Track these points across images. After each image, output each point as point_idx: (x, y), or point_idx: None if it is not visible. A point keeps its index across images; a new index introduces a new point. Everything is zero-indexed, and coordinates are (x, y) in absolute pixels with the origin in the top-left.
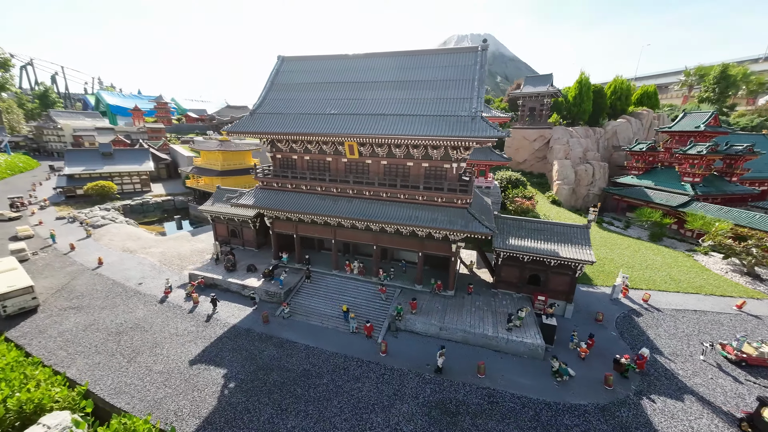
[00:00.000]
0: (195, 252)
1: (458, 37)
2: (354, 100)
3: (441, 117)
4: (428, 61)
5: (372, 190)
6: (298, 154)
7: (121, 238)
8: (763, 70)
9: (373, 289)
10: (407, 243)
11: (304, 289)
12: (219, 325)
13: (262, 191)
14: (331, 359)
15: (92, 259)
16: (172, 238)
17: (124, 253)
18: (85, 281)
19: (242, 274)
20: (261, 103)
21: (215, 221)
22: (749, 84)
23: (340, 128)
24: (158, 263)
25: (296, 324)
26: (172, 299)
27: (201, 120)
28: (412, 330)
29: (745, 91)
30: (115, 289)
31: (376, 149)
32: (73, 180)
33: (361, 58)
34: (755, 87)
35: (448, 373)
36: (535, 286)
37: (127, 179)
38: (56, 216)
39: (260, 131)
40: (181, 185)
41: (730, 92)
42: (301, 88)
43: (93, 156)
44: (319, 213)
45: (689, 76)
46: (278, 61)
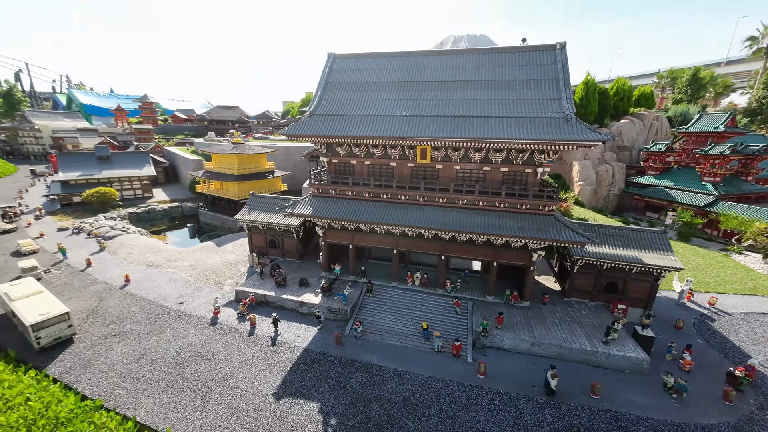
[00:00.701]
0: (227, 265)
1: (455, 37)
2: (426, 101)
3: (530, 119)
4: (503, 59)
5: (446, 197)
6: (358, 159)
7: (140, 251)
8: (726, 73)
9: (443, 302)
10: (480, 252)
11: (367, 305)
12: (288, 349)
13: (318, 199)
14: (428, 384)
15: (115, 275)
16: (197, 249)
17: (150, 268)
18: (116, 302)
19: (295, 290)
20: (317, 103)
21: (252, 231)
22: (716, 86)
23: (418, 131)
24: (191, 278)
25: (372, 344)
26: (224, 320)
27: (189, 120)
28: (500, 347)
29: (712, 93)
30: (154, 311)
31: (450, 153)
32: (68, 186)
33: (428, 56)
34: (721, 89)
35: (560, 395)
36: (612, 294)
37: (127, 185)
38: (57, 227)
39: (324, 134)
40: (185, 190)
41: (701, 94)
42: (360, 88)
43: (88, 160)
44: (391, 223)
45: (662, 79)
46: (329, 59)
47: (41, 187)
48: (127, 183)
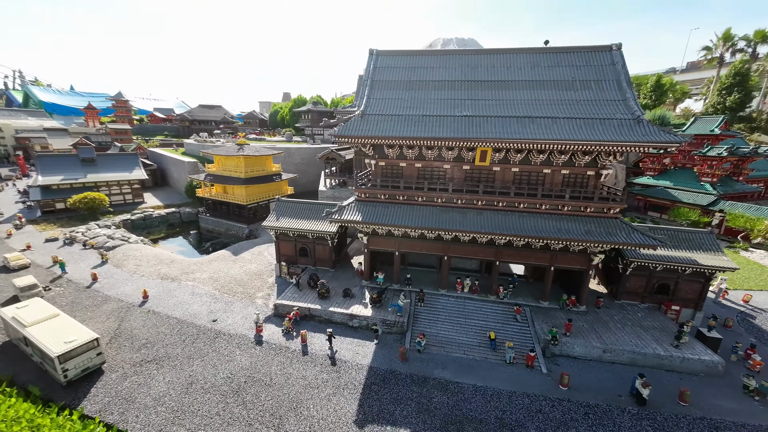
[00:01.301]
0: (251, 275)
1: (444, 40)
2: (484, 101)
3: (599, 120)
4: (558, 59)
5: (506, 200)
6: (408, 161)
7: (150, 262)
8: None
9: (499, 310)
10: (536, 257)
11: (420, 315)
12: (352, 368)
13: (366, 204)
14: (515, 400)
15: (129, 291)
16: (214, 259)
17: (166, 282)
18: (140, 322)
19: (340, 301)
20: (366, 103)
21: (280, 239)
22: (675, 92)
23: (481, 132)
24: (217, 292)
25: (437, 358)
26: (270, 338)
27: (168, 120)
28: (569, 354)
29: (672, 99)
30: (187, 330)
31: (511, 155)
32: (50, 192)
33: (480, 55)
34: (679, 95)
35: (650, 404)
36: (663, 295)
37: (115, 189)
38: (45, 237)
39: (379, 135)
40: (178, 194)
41: (663, 99)
42: (409, 86)
43: (71, 163)
44: (454, 229)
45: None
46: (372, 56)
47: (11, 192)
48: (115, 187)
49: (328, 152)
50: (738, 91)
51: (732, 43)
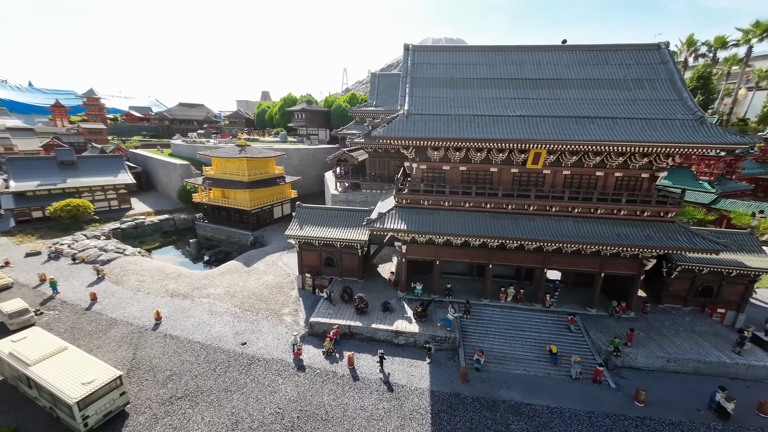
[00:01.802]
0: (270, 289)
1: (433, 40)
2: (535, 100)
3: (662, 120)
4: (606, 57)
5: (559, 204)
6: (452, 164)
7: (154, 278)
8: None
9: (550, 320)
10: (586, 263)
11: (468, 328)
12: (413, 394)
13: (408, 211)
14: (597, 422)
15: (137, 312)
16: (225, 272)
17: (177, 300)
18: (158, 349)
19: (380, 316)
20: (409, 101)
21: (304, 248)
22: None
23: (537, 132)
24: (237, 310)
25: (498, 376)
26: (311, 362)
27: (146, 119)
28: (632, 365)
29: None
30: (215, 357)
31: (563, 158)
32: (24, 199)
33: (525, 52)
34: None
35: (733, 419)
36: (706, 298)
37: (100, 195)
38: (26, 251)
39: (430, 136)
40: (168, 199)
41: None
42: (452, 84)
43: (48, 166)
44: (511, 237)
45: None
46: (408, 53)
47: None
48: (100, 193)
49: (340, 154)
50: (701, 93)
51: (695, 48)
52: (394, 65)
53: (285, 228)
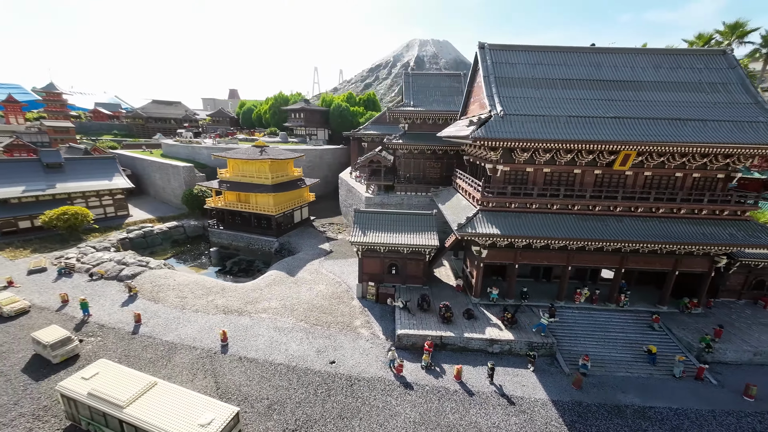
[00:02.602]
0: (327, 299)
1: (420, 41)
2: (621, 102)
3: (745, 123)
4: (678, 61)
5: (644, 205)
6: (537, 166)
7: (196, 293)
8: None
9: (630, 319)
10: (660, 262)
11: (556, 332)
12: (535, 405)
13: (494, 215)
14: (725, 421)
15: (193, 333)
16: (270, 283)
17: (233, 316)
18: (241, 375)
19: (466, 324)
20: (499, 101)
21: (366, 256)
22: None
23: (630, 133)
24: (304, 324)
25: (605, 380)
26: (414, 378)
27: (115, 117)
28: (721, 360)
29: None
30: (308, 380)
31: (649, 159)
32: (8, 208)
33: (601, 54)
34: None
35: None
36: (759, 291)
37: (94, 201)
38: (28, 268)
39: (536, 138)
40: (165, 204)
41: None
42: (536, 84)
43: (32, 169)
44: (608, 239)
45: None
46: (485, 51)
47: None
48: (94, 199)
49: (372, 155)
50: None
51: None
52: (383, 65)
53: (308, 233)
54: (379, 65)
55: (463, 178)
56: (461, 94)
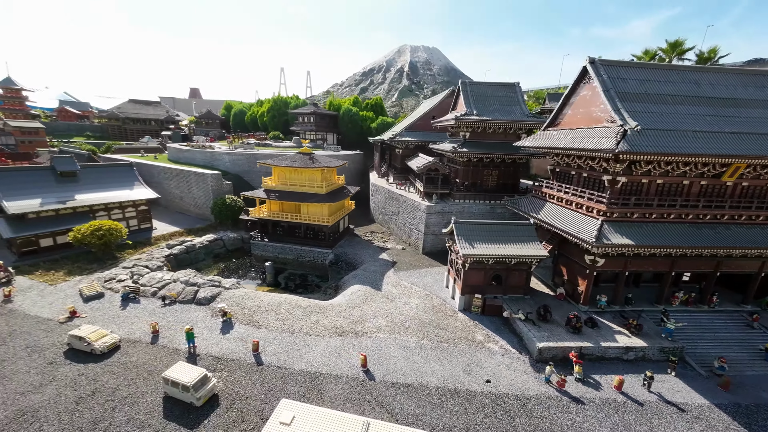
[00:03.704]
0: (431, 312)
1: (411, 47)
2: (730, 118)
3: None
4: (762, 81)
5: (747, 213)
6: (650, 177)
7: (294, 314)
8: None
9: (728, 320)
10: (749, 265)
11: (673, 335)
12: (707, 411)
13: (619, 225)
14: None
15: (320, 359)
16: (360, 298)
17: (350, 337)
18: (407, 403)
19: (594, 333)
20: (628, 116)
21: (473, 267)
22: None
23: (748, 148)
24: (428, 342)
25: (740, 379)
26: (578, 392)
27: (85, 117)
28: None
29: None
30: (479, 401)
31: (752, 171)
32: (26, 224)
33: (696, 72)
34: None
35: None
36: None
37: (117, 213)
38: (85, 294)
39: (676, 152)
40: (183, 214)
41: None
42: (648, 100)
43: (43, 179)
44: (721, 246)
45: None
46: (597, 66)
47: None
48: (117, 211)
49: (430, 164)
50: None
51: None
52: (376, 69)
53: (357, 243)
54: (372, 69)
55: (563, 189)
56: (517, 104)
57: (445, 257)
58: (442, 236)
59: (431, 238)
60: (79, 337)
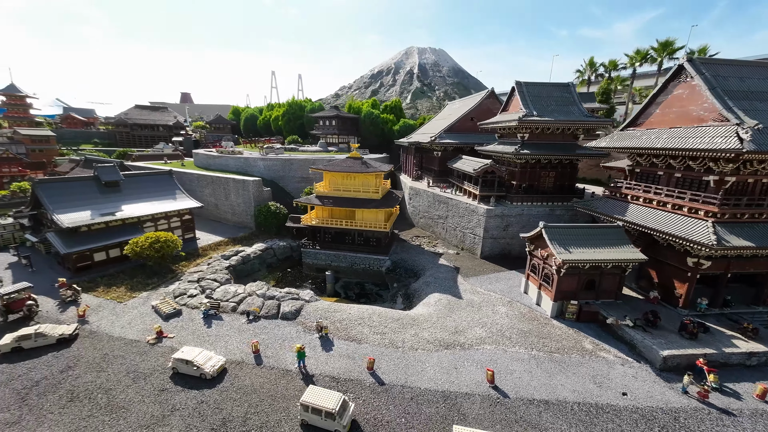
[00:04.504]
0: (524, 321)
1: (419, 49)
2: None
3: None
4: None
5: None
6: (756, 177)
7: (387, 326)
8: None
9: None
10: None
11: None
12: None
13: (730, 225)
14: None
15: (438, 376)
16: (447, 307)
17: (458, 351)
18: (559, 422)
19: (707, 339)
20: (743, 114)
21: (568, 273)
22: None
23: None
24: (538, 353)
25: None
26: (721, 402)
27: (90, 123)
28: None
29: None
30: (629, 417)
31: None
32: (78, 237)
33: None
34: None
35: None
36: None
37: (163, 224)
38: (164, 312)
39: None
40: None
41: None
42: (755, 97)
43: (87, 189)
44: None
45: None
46: (695, 64)
47: None
48: (163, 222)
49: (486, 166)
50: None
51: (595, 68)
52: (385, 71)
53: (409, 248)
54: (381, 72)
55: (653, 190)
56: (574, 104)
57: (504, 261)
58: (502, 240)
59: (490, 242)
60: (185, 361)
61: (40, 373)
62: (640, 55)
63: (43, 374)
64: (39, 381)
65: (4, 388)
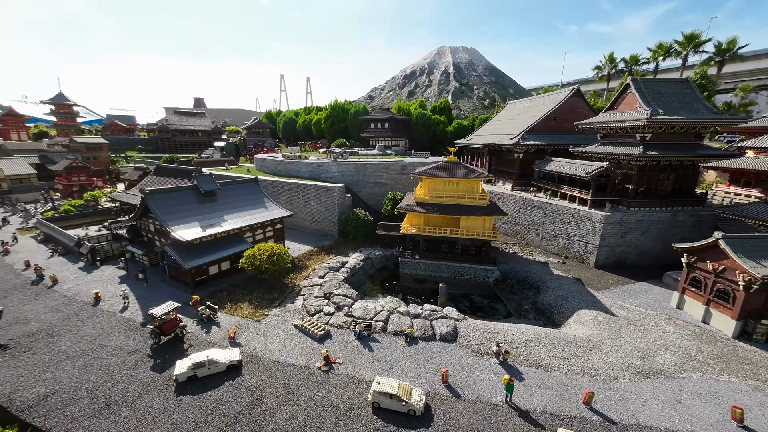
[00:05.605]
0: (699, 341)
1: (451, 48)
2: None
3: None
4: None
5: None
6: None
7: (558, 347)
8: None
9: None
10: None
11: None
12: None
13: None
14: None
15: (665, 411)
16: (611, 328)
17: (661, 380)
18: None
19: None
20: None
21: (761, 289)
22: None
23: None
24: (759, 384)
25: None
26: None
27: (131, 130)
28: None
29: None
30: None
31: None
32: (194, 251)
33: None
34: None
35: None
36: None
37: (259, 234)
38: (317, 335)
39: None
40: (296, 230)
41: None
42: None
43: (188, 199)
44: None
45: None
46: None
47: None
48: (259, 232)
49: (602, 169)
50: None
51: (614, 64)
52: (418, 72)
53: (509, 257)
54: (414, 72)
55: None
56: (698, 101)
57: (623, 271)
58: (619, 248)
59: (606, 250)
60: (389, 395)
61: (231, 407)
62: (663, 49)
63: (236, 408)
64: (237, 417)
65: (203, 425)
